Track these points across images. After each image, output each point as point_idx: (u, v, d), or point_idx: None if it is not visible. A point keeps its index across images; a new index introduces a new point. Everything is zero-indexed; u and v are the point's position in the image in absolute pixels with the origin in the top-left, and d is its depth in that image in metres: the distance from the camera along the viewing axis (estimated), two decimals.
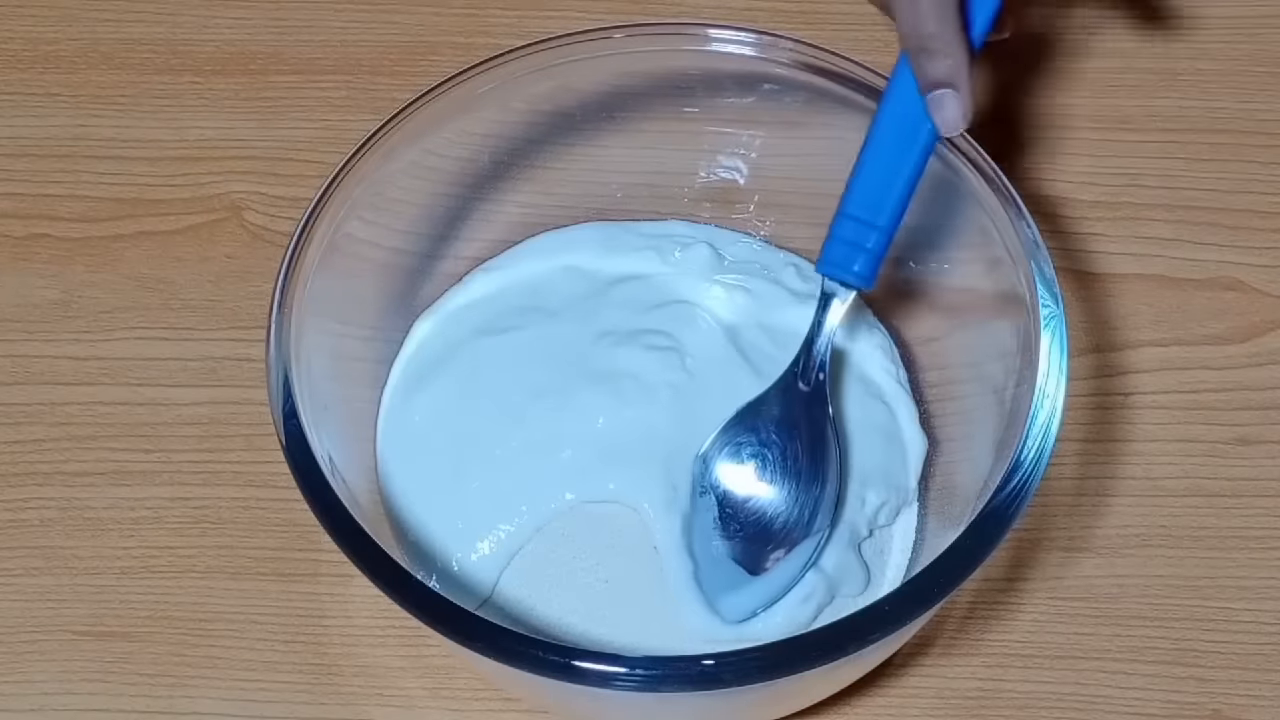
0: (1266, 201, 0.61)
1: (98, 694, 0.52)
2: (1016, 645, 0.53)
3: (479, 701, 0.52)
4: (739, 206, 0.57)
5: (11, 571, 0.54)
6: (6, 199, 0.61)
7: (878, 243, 0.48)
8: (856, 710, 0.52)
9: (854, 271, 0.48)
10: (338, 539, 0.43)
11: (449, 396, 0.52)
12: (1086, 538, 0.55)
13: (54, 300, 0.59)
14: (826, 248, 0.48)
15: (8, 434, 0.56)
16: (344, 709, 0.52)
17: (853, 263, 0.48)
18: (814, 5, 0.65)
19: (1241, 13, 0.65)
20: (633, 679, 0.40)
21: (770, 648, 0.41)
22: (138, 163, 0.62)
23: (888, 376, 0.53)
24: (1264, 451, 0.56)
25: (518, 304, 0.54)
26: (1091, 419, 0.57)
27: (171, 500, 0.55)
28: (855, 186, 0.47)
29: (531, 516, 0.50)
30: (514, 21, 0.65)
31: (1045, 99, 0.63)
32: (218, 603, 0.54)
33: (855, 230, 0.48)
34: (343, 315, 0.51)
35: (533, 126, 0.55)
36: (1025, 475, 0.43)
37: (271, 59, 0.64)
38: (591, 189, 0.56)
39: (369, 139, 0.49)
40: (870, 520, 0.50)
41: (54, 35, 0.65)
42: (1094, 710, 0.52)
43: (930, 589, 0.42)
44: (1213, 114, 0.63)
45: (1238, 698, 0.52)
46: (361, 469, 0.51)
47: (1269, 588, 0.54)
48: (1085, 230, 0.60)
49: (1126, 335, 0.58)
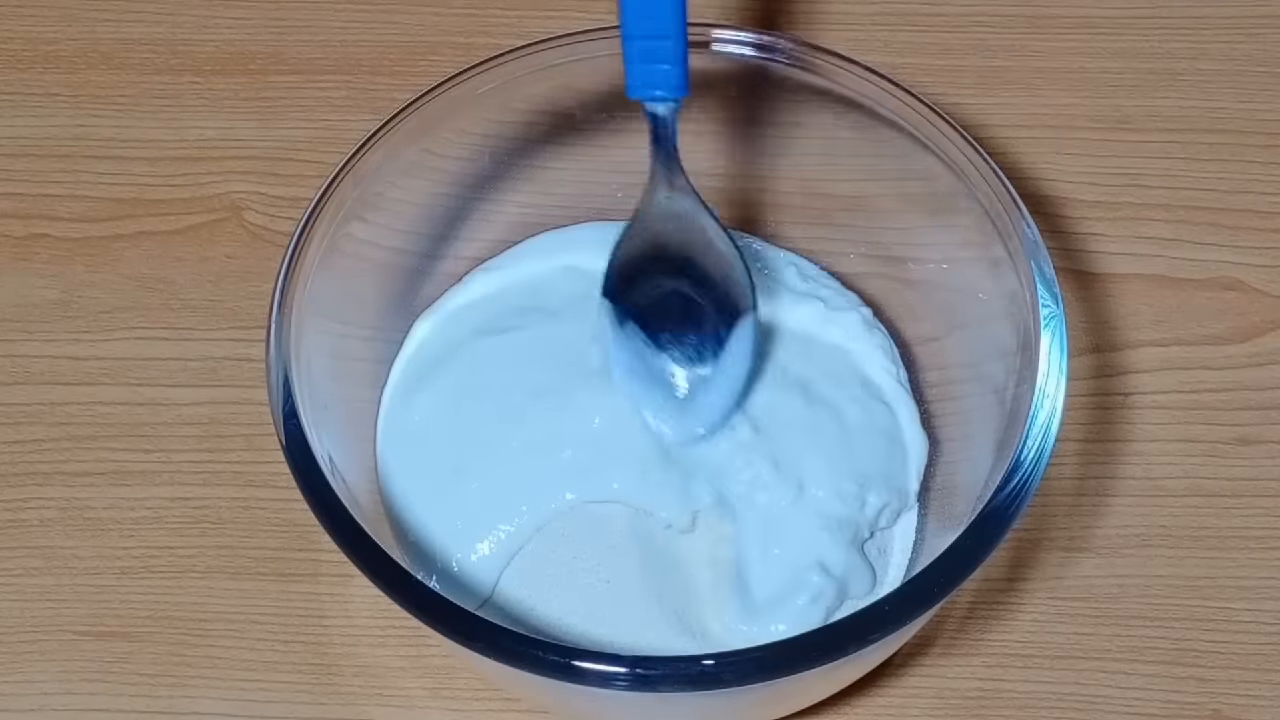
0: (1266, 201, 0.61)
1: (98, 694, 0.52)
2: (1016, 645, 0.53)
3: (479, 701, 0.52)
4: (739, 206, 0.57)
5: (11, 571, 0.54)
6: (6, 199, 0.61)
7: (675, 50, 0.46)
8: (856, 710, 0.52)
9: (666, 84, 0.47)
10: (338, 539, 0.43)
11: (449, 396, 0.52)
12: (1086, 538, 0.55)
13: (54, 300, 0.59)
14: (629, 75, 0.47)
15: (8, 434, 0.56)
16: (344, 709, 0.52)
17: (660, 77, 0.47)
18: (814, 5, 0.65)
19: (1241, 13, 0.65)
20: (633, 679, 0.40)
21: (770, 648, 0.41)
22: (138, 163, 0.62)
23: (888, 377, 0.53)
24: (1264, 451, 0.56)
25: (518, 304, 0.54)
26: (1091, 419, 0.57)
27: (171, 500, 0.55)
28: (625, 5, 0.46)
29: (531, 516, 0.50)
30: (514, 21, 0.65)
31: (1045, 99, 0.63)
32: (218, 603, 0.54)
33: (646, 48, 0.46)
34: (343, 315, 0.51)
35: (533, 126, 0.55)
36: (1025, 475, 0.43)
37: (271, 59, 0.64)
38: (591, 189, 0.56)
39: (369, 139, 0.49)
40: (871, 523, 0.50)
41: (54, 35, 0.65)
42: (1094, 710, 0.52)
43: (930, 589, 0.42)
44: (1213, 114, 0.63)
45: (1238, 698, 0.52)
46: (361, 469, 0.51)
47: (1269, 588, 0.54)
48: (1085, 230, 0.60)
49: (1126, 335, 0.58)
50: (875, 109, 0.50)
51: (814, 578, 0.49)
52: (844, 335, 0.53)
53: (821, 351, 0.53)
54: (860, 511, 0.50)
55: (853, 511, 0.50)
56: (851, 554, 0.50)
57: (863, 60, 0.51)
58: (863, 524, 0.50)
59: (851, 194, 0.55)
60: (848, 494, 0.50)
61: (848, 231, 0.55)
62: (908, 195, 0.53)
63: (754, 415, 0.51)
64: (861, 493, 0.50)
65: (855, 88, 0.51)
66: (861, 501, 0.50)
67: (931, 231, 0.53)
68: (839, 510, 0.50)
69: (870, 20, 0.65)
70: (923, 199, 0.52)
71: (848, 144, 0.52)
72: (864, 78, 0.50)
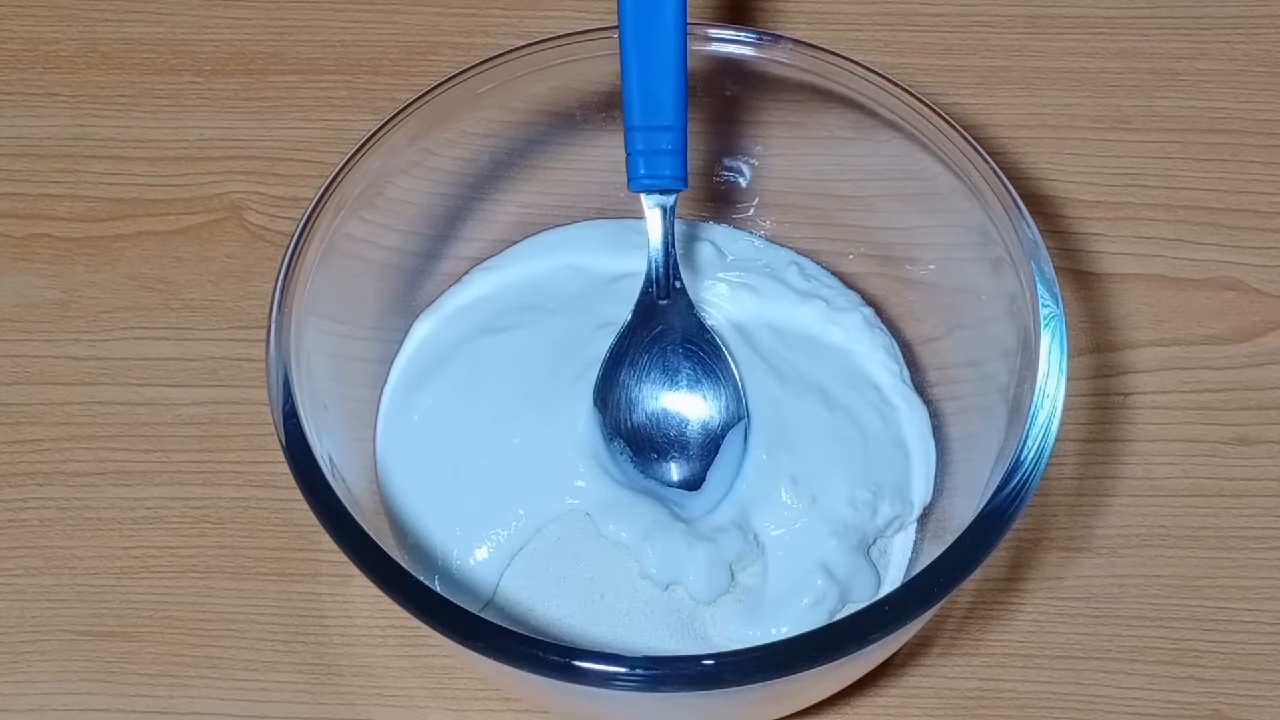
0: (1266, 201, 0.61)
1: (98, 694, 0.52)
2: (1016, 645, 0.53)
3: (479, 701, 0.52)
4: (740, 206, 0.57)
5: (11, 571, 0.54)
6: (6, 199, 0.61)
7: (675, 141, 0.48)
8: (856, 710, 0.52)
9: (666, 176, 0.48)
10: (338, 539, 0.43)
11: (449, 396, 0.52)
12: (1086, 538, 0.55)
13: (54, 300, 0.59)
14: (631, 166, 0.48)
15: (8, 434, 0.56)
16: (344, 709, 0.52)
17: (662, 169, 0.48)
18: (814, 5, 0.65)
19: (1241, 13, 0.65)
20: (633, 679, 0.40)
21: (770, 648, 0.41)
22: (137, 163, 0.62)
23: (892, 378, 0.53)
24: (1264, 451, 0.56)
25: (517, 303, 0.54)
26: (1091, 419, 0.57)
27: (171, 500, 0.55)
28: (630, 96, 0.47)
29: (531, 517, 0.50)
30: (514, 21, 0.65)
31: (1045, 99, 0.63)
32: (218, 603, 0.54)
33: (649, 139, 0.48)
34: (343, 315, 0.51)
35: (533, 126, 0.55)
36: (1025, 475, 0.43)
37: (271, 59, 0.64)
38: (591, 189, 0.56)
39: (369, 139, 0.49)
40: (879, 531, 0.50)
41: (54, 35, 0.65)
42: (1094, 710, 0.52)
43: (930, 589, 0.42)
44: (1213, 114, 0.63)
45: (1238, 698, 0.52)
46: (361, 469, 0.51)
47: (1269, 588, 0.54)
48: (1085, 230, 0.60)
49: (1126, 335, 0.58)
50: (875, 109, 0.51)
51: (817, 581, 0.49)
52: (846, 336, 0.53)
53: (829, 353, 0.53)
54: (871, 520, 0.50)
55: (864, 519, 0.50)
56: (856, 558, 0.49)
57: (863, 60, 0.51)
58: (870, 531, 0.50)
59: (851, 194, 0.55)
60: (860, 502, 0.50)
61: (848, 231, 0.55)
62: (908, 195, 0.53)
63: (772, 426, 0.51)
64: (874, 501, 0.50)
65: (855, 88, 0.51)
66: (873, 510, 0.50)
67: (931, 231, 0.53)
68: (849, 516, 0.49)
69: (870, 20, 0.65)
70: (923, 199, 0.52)
71: (848, 144, 0.52)
72: (864, 78, 0.50)
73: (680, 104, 0.47)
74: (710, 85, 0.53)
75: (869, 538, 0.50)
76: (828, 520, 0.49)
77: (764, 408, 0.51)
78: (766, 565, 0.49)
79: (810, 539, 0.49)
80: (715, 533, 0.49)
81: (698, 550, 0.48)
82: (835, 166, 0.54)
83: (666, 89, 0.47)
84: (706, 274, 0.54)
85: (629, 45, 0.47)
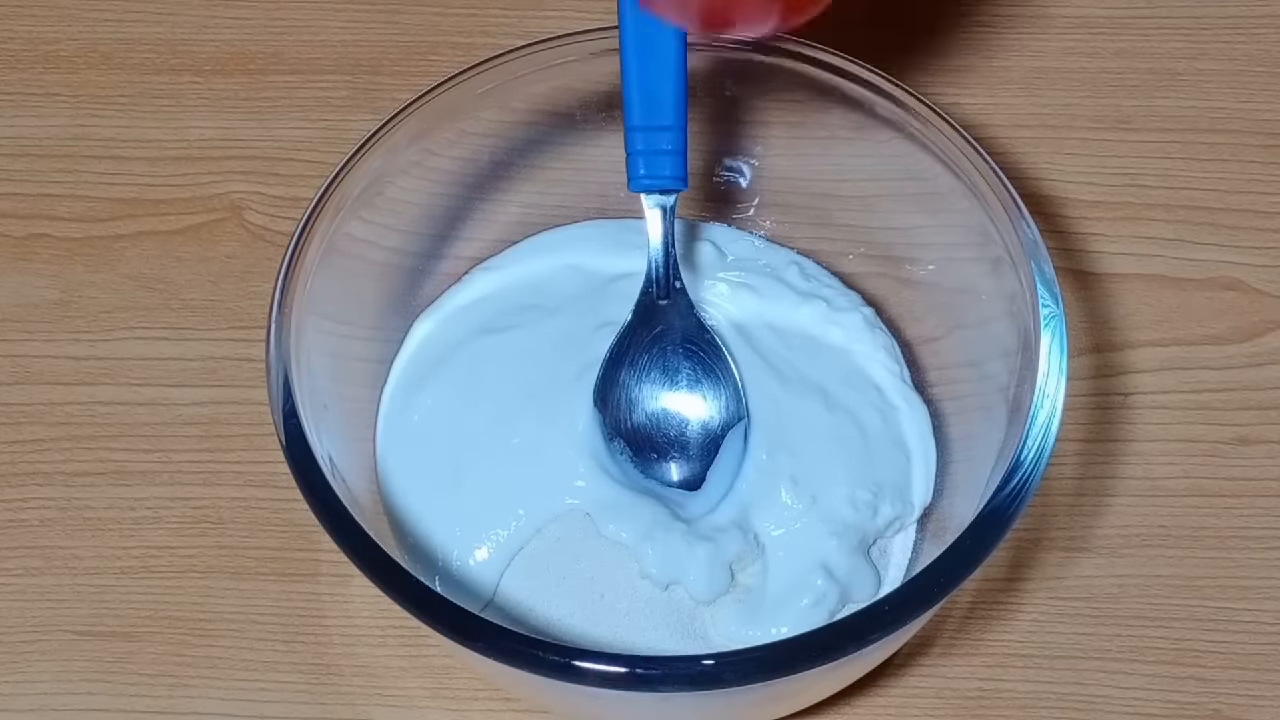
0: (1266, 201, 0.61)
1: (98, 694, 0.52)
2: (1016, 645, 0.53)
3: (479, 701, 0.52)
4: (740, 206, 0.57)
5: (11, 571, 0.54)
6: (6, 199, 0.61)
7: (675, 141, 0.48)
8: (856, 710, 0.52)
9: (666, 176, 0.48)
10: (338, 539, 0.43)
11: (449, 396, 0.52)
12: (1086, 538, 0.55)
13: (54, 300, 0.59)
14: (631, 166, 0.49)
15: (8, 434, 0.56)
16: (344, 709, 0.52)
17: (662, 169, 0.48)
18: None
19: (1241, 13, 0.65)
20: (633, 679, 0.40)
21: (770, 648, 0.41)
22: (138, 163, 0.62)
23: (893, 378, 0.53)
24: (1264, 451, 0.56)
25: (517, 303, 0.54)
26: (1091, 419, 0.57)
27: (171, 500, 0.55)
28: (630, 96, 0.48)
29: (532, 517, 0.50)
30: (514, 21, 0.65)
31: (1045, 99, 0.63)
32: (218, 603, 0.54)
33: (649, 139, 0.48)
34: (343, 315, 0.51)
35: (532, 126, 0.55)
36: (1025, 475, 0.43)
37: (271, 59, 0.64)
38: (591, 189, 0.56)
39: (369, 139, 0.49)
40: (880, 531, 0.50)
41: (54, 35, 0.65)
42: (1094, 710, 0.52)
43: (930, 589, 0.42)
44: (1213, 114, 0.63)
45: (1238, 698, 0.52)
46: (361, 469, 0.51)
47: (1269, 588, 0.54)
48: (1085, 230, 0.60)
49: (1126, 335, 0.58)
50: (875, 109, 0.51)
51: (817, 581, 0.49)
52: (846, 336, 0.53)
53: (829, 354, 0.53)
54: (871, 520, 0.50)
55: (864, 519, 0.50)
56: (856, 558, 0.49)
57: (863, 61, 0.51)
58: (871, 531, 0.50)
59: (851, 194, 0.55)
60: (861, 502, 0.50)
61: (848, 231, 0.55)
62: (908, 195, 0.53)
63: (772, 426, 0.51)
64: (875, 502, 0.50)
65: (855, 88, 0.51)
66: (874, 510, 0.50)
67: (932, 231, 0.53)
68: (850, 517, 0.50)
69: (870, 20, 0.65)
70: (923, 199, 0.52)
71: (848, 144, 0.52)
72: (864, 78, 0.50)
73: (680, 104, 0.47)
74: (710, 85, 0.53)
75: (869, 538, 0.50)
76: (828, 520, 0.49)
77: (764, 408, 0.51)
78: (766, 565, 0.49)
79: (810, 539, 0.49)
80: (715, 533, 0.49)
81: (698, 550, 0.48)
82: (835, 166, 0.54)
83: (666, 89, 0.47)
84: (707, 274, 0.55)
85: (629, 45, 0.47)
